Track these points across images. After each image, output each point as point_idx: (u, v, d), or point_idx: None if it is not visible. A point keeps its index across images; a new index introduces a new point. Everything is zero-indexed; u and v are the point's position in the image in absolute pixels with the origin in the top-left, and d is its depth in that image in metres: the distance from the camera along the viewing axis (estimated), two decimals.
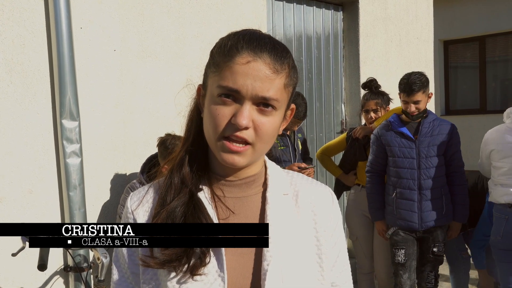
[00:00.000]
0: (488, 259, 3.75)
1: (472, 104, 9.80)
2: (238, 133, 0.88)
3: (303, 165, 3.23)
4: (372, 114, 3.50)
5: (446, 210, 3.12)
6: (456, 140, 3.16)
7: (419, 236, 3.16)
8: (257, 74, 0.88)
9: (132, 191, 2.64)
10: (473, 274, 4.15)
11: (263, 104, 0.89)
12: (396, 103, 3.75)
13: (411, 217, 3.07)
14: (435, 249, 3.13)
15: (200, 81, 1.02)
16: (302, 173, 3.17)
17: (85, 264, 2.65)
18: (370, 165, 3.30)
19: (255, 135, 0.90)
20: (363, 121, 3.85)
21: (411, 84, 3.03)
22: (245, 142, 0.90)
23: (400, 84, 3.13)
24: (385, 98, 3.55)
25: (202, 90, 0.98)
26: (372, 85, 3.55)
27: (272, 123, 0.92)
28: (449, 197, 3.15)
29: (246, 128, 0.89)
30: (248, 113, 0.88)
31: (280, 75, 0.90)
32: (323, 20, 4.60)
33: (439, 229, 3.13)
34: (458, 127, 3.26)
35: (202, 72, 1.01)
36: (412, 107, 3.06)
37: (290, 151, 3.39)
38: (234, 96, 0.89)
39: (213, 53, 0.95)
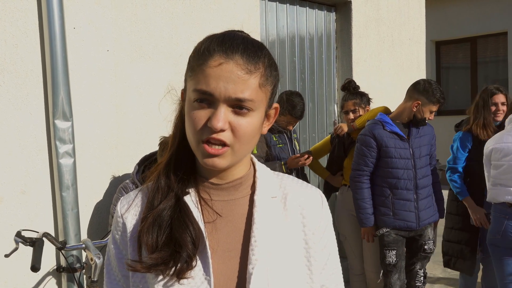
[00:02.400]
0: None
1: (464, 105, 9.85)
2: (215, 135, 0.89)
3: (298, 155, 3.25)
4: (351, 114, 3.55)
5: (435, 207, 3.29)
6: (435, 140, 3.36)
7: (411, 236, 3.19)
8: (229, 76, 0.88)
9: (125, 191, 2.64)
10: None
11: (238, 105, 0.89)
12: (376, 103, 3.77)
13: (409, 217, 3.12)
14: (426, 247, 3.20)
15: (177, 82, 1.03)
16: (303, 161, 3.19)
17: (78, 265, 2.64)
18: (359, 167, 3.20)
19: (233, 137, 0.90)
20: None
21: (443, 95, 3.18)
22: (223, 144, 0.90)
23: (434, 95, 3.12)
24: (365, 99, 3.59)
25: (184, 95, 0.99)
26: (349, 86, 3.60)
27: (250, 124, 0.91)
28: (433, 195, 3.32)
29: (223, 130, 0.89)
30: (223, 116, 0.88)
31: (253, 75, 0.90)
32: (316, 21, 4.62)
33: (430, 226, 3.22)
34: (450, 127, 3.36)
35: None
36: (433, 115, 3.23)
37: (288, 149, 3.41)
38: (208, 99, 0.89)
39: (189, 58, 0.97)
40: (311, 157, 3.25)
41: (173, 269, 0.91)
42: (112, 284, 1.02)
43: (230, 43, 0.90)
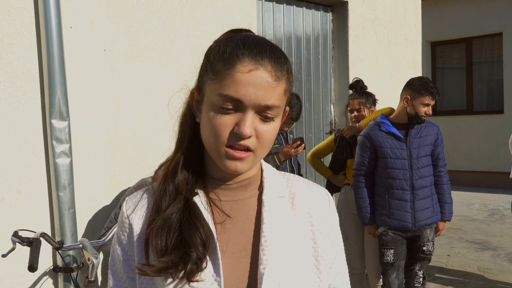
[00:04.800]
0: None
1: (459, 105, 9.91)
2: (241, 142, 0.88)
3: (290, 144, 3.25)
4: (356, 113, 3.56)
5: (435, 209, 3.21)
6: (441, 141, 3.29)
7: (409, 236, 3.20)
8: (259, 83, 0.87)
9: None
10: None
11: (265, 112, 0.89)
12: (381, 104, 3.78)
13: (404, 217, 3.12)
14: (425, 248, 3.18)
15: (192, 82, 1.00)
16: (295, 150, 3.19)
17: (75, 265, 2.64)
18: (358, 167, 3.28)
19: (257, 143, 0.90)
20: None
21: (435, 87, 3.13)
22: (247, 149, 0.90)
23: (423, 87, 3.12)
24: (371, 99, 3.60)
25: (197, 95, 0.97)
26: (357, 85, 3.61)
27: (273, 130, 0.92)
28: (436, 196, 3.23)
29: (250, 137, 0.88)
30: (251, 122, 0.88)
31: (281, 81, 0.90)
32: (313, 21, 4.62)
33: (429, 228, 3.19)
34: (445, 128, 3.34)
35: (192, 73, 0.99)
36: (430, 109, 3.17)
37: None
38: (236, 105, 0.88)
39: (210, 59, 0.93)
40: (303, 145, 3.26)
41: (183, 271, 0.90)
42: (117, 286, 1.01)
43: (259, 49, 0.89)
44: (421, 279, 3.24)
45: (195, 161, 0.99)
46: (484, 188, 9.09)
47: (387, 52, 5.17)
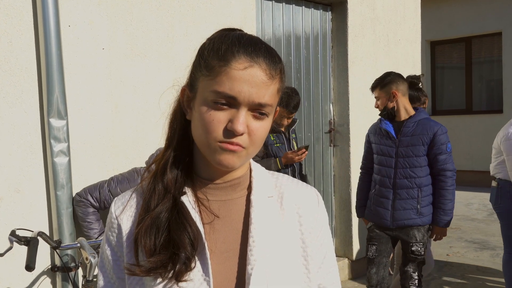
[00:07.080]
0: None
1: (458, 105, 9.92)
2: (233, 139, 0.89)
3: (295, 150, 3.32)
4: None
5: (421, 212, 3.10)
6: (439, 142, 3.04)
7: (395, 234, 3.20)
8: (254, 81, 0.88)
9: (136, 175, 2.62)
10: None
11: (258, 110, 0.90)
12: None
13: (384, 214, 3.18)
14: (413, 248, 3.14)
15: (184, 79, 1.00)
16: (299, 157, 3.24)
17: (73, 264, 2.63)
18: (362, 162, 3.44)
19: (249, 140, 0.90)
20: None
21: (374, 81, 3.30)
22: (239, 146, 0.90)
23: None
24: None
25: (188, 92, 0.96)
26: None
27: (264, 128, 0.92)
28: (429, 199, 3.13)
29: (241, 134, 0.89)
30: (244, 119, 0.88)
31: (274, 80, 0.91)
32: (312, 20, 4.61)
33: (415, 229, 3.13)
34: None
35: (185, 70, 0.99)
36: (375, 103, 3.29)
37: (285, 149, 3.46)
38: (230, 101, 0.88)
39: (204, 55, 0.93)
40: (306, 152, 3.32)
41: (172, 271, 0.90)
42: (107, 287, 1.01)
43: (254, 47, 0.90)
44: (416, 281, 3.21)
45: (184, 160, 0.99)
46: (484, 187, 9.09)
47: (386, 51, 5.16)
